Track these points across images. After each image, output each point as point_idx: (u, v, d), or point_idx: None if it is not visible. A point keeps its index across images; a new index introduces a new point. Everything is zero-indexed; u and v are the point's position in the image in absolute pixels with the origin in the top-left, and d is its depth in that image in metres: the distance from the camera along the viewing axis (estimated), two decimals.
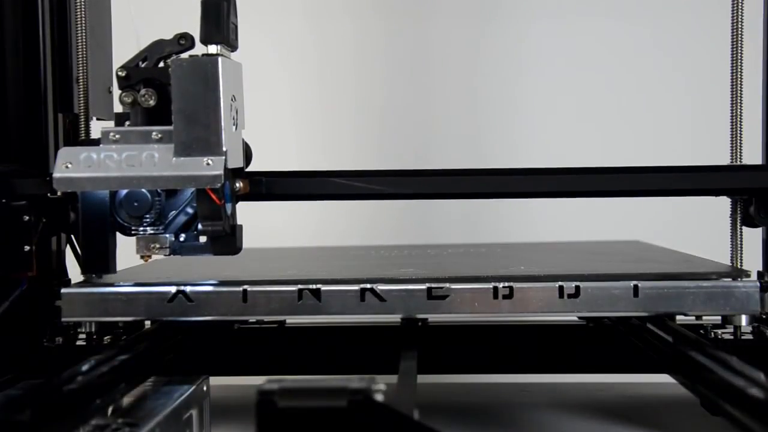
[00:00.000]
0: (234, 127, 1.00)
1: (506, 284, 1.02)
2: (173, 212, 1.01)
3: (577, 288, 1.02)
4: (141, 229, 1.01)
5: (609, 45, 1.97)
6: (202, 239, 1.01)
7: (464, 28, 2.00)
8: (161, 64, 1.02)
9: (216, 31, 0.98)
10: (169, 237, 1.01)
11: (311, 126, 2.03)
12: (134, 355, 0.93)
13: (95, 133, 1.19)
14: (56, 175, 0.98)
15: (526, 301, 1.02)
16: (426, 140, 2.01)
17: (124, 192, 0.99)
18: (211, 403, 1.01)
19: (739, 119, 1.13)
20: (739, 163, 1.13)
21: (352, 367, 1.14)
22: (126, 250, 1.33)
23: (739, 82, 1.12)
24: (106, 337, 1.12)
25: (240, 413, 1.11)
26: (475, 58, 2.01)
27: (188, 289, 1.04)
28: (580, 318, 1.14)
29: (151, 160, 0.97)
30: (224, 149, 0.96)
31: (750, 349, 1.07)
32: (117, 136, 0.99)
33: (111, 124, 1.30)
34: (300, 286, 1.03)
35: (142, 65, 1.02)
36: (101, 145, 0.99)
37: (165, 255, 1.01)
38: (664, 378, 1.03)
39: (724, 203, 1.16)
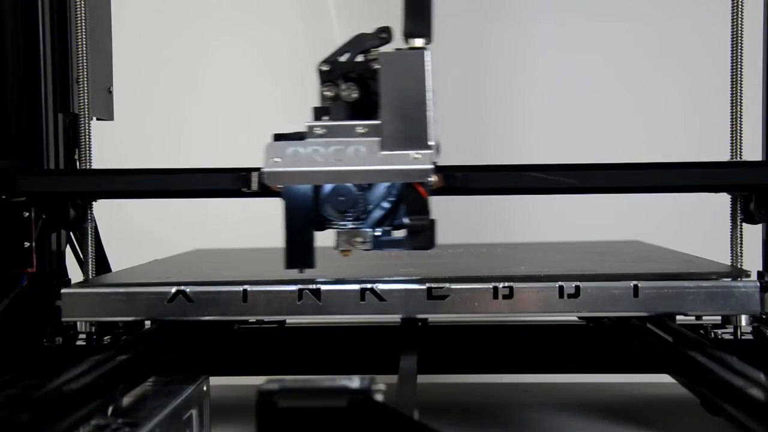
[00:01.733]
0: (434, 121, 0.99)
1: (506, 284, 1.02)
2: (369, 206, 1.00)
3: (577, 288, 1.02)
4: (341, 223, 1.00)
5: (610, 42, 1.97)
6: (398, 233, 1.00)
7: (463, 28, 2.00)
8: (359, 58, 1.01)
9: (421, 25, 0.97)
10: (371, 231, 1.00)
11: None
12: (134, 355, 0.93)
13: (95, 133, 1.19)
14: (265, 169, 0.97)
15: (526, 301, 1.02)
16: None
17: (329, 186, 0.99)
18: (211, 403, 1.01)
19: (739, 115, 1.13)
20: (739, 159, 1.13)
21: (352, 367, 1.14)
22: (126, 250, 1.33)
23: (739, 78, 1.12)
24: (106, 337, 1.12)
25: (240, 413, 1.11)
26: (475, 57, 2.01)
27: (188, 289, 1.04)
28: (580, 318, 1.14)
29: (358, 154, 0.97)
30: (431, 143, 0.96)
31: (750, 349, 1.07)
32: (322, 130, 0.99)
33: (111, 124, 1.31)
34: (300, 286, 1.03)
35: (343, 59, 1.01)
36: (307, 140, 0.99)
37: (366, 249, 1.00)
38: (664, 378, 1.03)
39: (724, 204, 1.16)
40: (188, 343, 1.08)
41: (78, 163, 1.19)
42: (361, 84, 1.00)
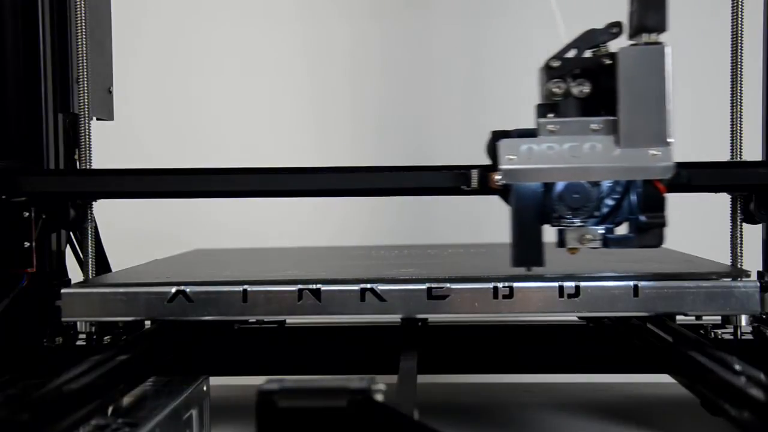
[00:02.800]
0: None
1: (506, 284, 1.02)
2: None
3: (577, 288, 1.02)
4: (570, 221, 0.99)
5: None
6: (620, 231, 1.00)
7: (464, 27, 2.00)
8: (587, 54, 1.01)
9: (659, 18, 0.97)
10: (600, 229, 0.99)
11: (312, 124, 2.03)
12: (134, 355, 0.93)
13: (96, 133, 1.19)
14: (503, 167, 0.97)
15: (526, 301, 1.02)
16: (425, 139, 2.01)
17: (562, 184, 0.98)
18: (211, 403, 1.01)
19: (739, 115, 1.13)
20: (739, 159, 1.13)
21: (352, 367, 1.14)
22: (125, 249, 1.33)
23: (739, 78, 1.12)
24: (106, 337, 1.12)
25: (240, 413, 1.11)
26: (475, 57, 2.01)
27: (188, 289, 1.04)
28: (580, 318, 1.14)
29: (594, 151, 0.96)
30: (670, 139, 0.96)
31: (750, 349, 1.07)
32: (555, 127, 0.98)
33: (111, 124, 1.31)
34: (300, 286, 1.03)
35: (570, 56, 1.00)
36: (539, 137, 0.98)
37: (596, 248, 1.00)
38: (664, 378, 1.03)
39: (724, 204, 1.16)
40: (188, 343, 1.08)
41: (78, 163, 1.19)
42: (591, 80, 0.99)
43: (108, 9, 1.30)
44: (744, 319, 1.07)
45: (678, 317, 1.08)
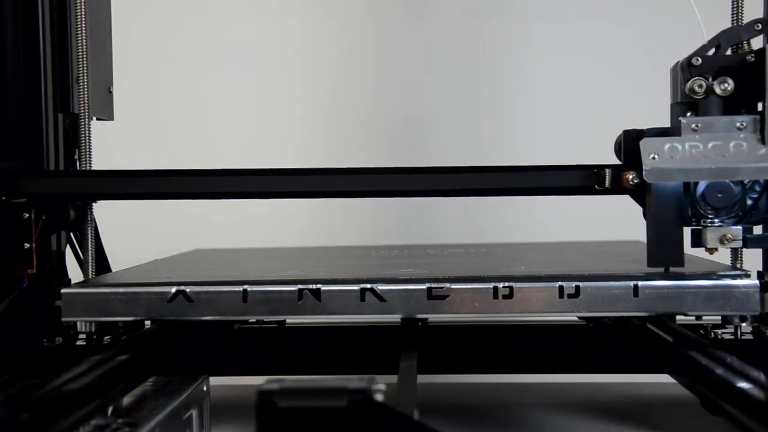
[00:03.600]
0: None
1: (506, 284, 1.02)
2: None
3: (577, 288, 1.02)
4: (710, 221, 1.00)
5: (610, 42, 1.97)
6: (757, 230, 1.00)
7: (465, 26, 2.00)
8: (728, 51, 1.01)
9: None
10: (740, 229, 0.99)
11: (317, 123, 2.03)
12: (134, 355, 0.93)
13: (95, 132, 1.19)
14: (648, 166, 0.97)
15: (526, 301, 1.02)
16: (425, 139, 2.01)
17: (705, 183, 0.98)
18: (211, 403, 1.01)
19: None
20: None
21: (352, 367, 1.14)
22: (125, 249, 1.33)
23: None
24: (106, 337, 1.12)
25: (240, 413, 1.11)
26: (475, 56, 2.01)
27: (188, 289, 1.04)
28: (580, 318, 1.14)
29: (740, 150, 0.96)
30: None
31: (750, 349, 1.07)
32: (698, 125, 0.98)
33: (111, 124, 1.31)
34: (300, 286, 1.03)
35: (711, 53, 1.00)
36: (682, 136, 0.98)
37: (737, 248, 1.00)
38: (664, 378, 1.03)
39: None
40: (188, 343, 1.08)
41: (78, 163, 1.19)
42: (734, 78, 0.99)
43: (108, 9, 1.30)
44: (744, 319, 1.07)
45: (678, 317, 1.08)
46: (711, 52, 1.02)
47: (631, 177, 1.01)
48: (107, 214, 1.26)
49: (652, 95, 1.97)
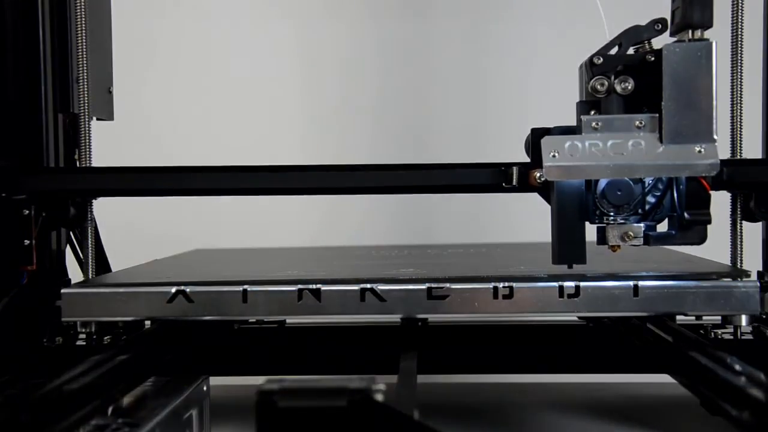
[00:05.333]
0: None
1: (506, 284, 1.02)
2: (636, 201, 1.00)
3: (577, 288, 1.02)
4: (612, 218, 1.00)
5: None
6: (661, 228, 1.00)
7: (465, 26, 2.00)
8: (630, 51, 1.01)
9: (705, 15, 0.97)
10: (642, 226, 1.00)
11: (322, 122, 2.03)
12: (134, 355, 0.93)
13: (95, 132, 1.19)
14: (547, 164, 0.98)
15: (526, 300, 1.02)
16: (424, 139, 2.02)
17: (605, 180, 0.99)
18: (211, 403, 1.01)
19: (739, 113, 1.13)
20: (739, 157, 1.13)
21: (352, 367, 1.14)
22: (124, 250, 1.33)
23: (739, 76, 1.12)
24: (106, 337, 1.12)
25: (240, 413, 1.11)
26: (476, 56, 2.01)
27: (188, 289, 1.04)
28: (580, 318, 1.14)
29: (639, 148, 0.97)
30: (715, 136, 0.96)
31: (750, 349, 1.07)
32: (599, 124, 0.99)
33: (111, 124, 1.31)
34: (300, 286, 1.03)
35: (614, 52, 1.01)
36: (583, 134, 0.99)
37: (637, 245, 1.01)
38: (664, 378, 1.03)
39: (723, 203, 1.16)
40: (188, 343, 1.08)
41: (78, 163, 1.19)
42: (634, 76, 0.99)
43: (108, 9, 1.30)
44: (744, 319, 1.07)
45: (678, 317, 1.08)
46: (615, 51, 1.02)
47: (537, 175, 1.02)
48: (107, 213, 1.26)
49: None
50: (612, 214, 1.00)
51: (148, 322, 1.10)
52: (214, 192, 1.14)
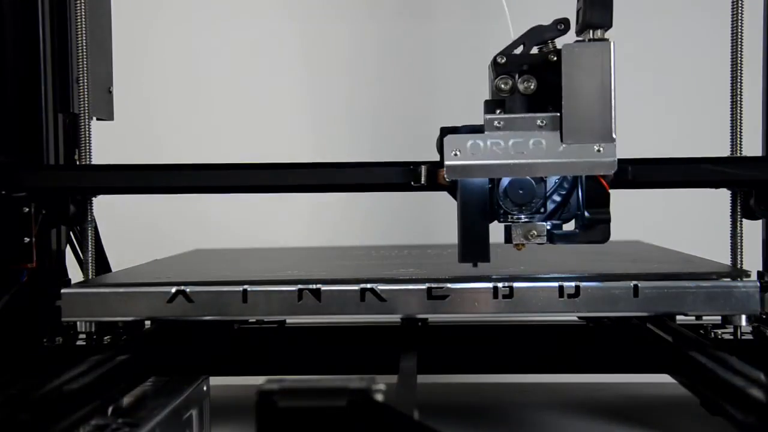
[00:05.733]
0: None
1: (506, 284, 1.02)
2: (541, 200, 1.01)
3: (577, 288, 1.02)
4: (516, 216, 1.00)
5: (609, 39, 1.97)
6: (567, 227, 1.01)
7: (466, 26, 2.00)
8: (534, 50, 1.01)
9: (605, 15, 0.98)
10: (546, 225, 1.00)
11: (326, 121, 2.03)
12: (134, 355, 0.93)
13: (95, 133, 1.19)
14: (448, 163, 0.98)
15: (526, 300, 1.02)
16: (424, 140, 2.01)
17: (507, 179, 0.99)
18: (211, 403, 1.01)
19: (739, 110, 1.13)
20: (739, 154, 1.13)
21: (352, 367, 1.14)
22: (124, 251, 1.33)
23: (739, 73, 1.12)
24: (106, 337, 1.12)
25: (240, 413, 1.11)
26: (476, 57, 2.01)
27: (188, 289, 1.04)
28: (580, 318, 1.14)
29: (540, 147, 0.97)
30: (614, 135, 0.96)
31: (750, 349, 1.07)
32: (501, 123, 0.99)
33: (111, 124, 1.31)
34: (300, 286, 1.03)
35: (518, 52, 1.01)
36: (486, 133, 0.99)
37: (541, 243, 1.01)
38: (664, 378, 1.03)
39: (724, 204, 1.16)
40: (188, 343, 1.08)
41: (78, 163, 1.19)
42: (537, 76, 1.00)
43: (108, 9, 1.30)
44: (744, 319, 1.07)
45: (678, 317, 1.08)
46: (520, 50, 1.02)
47: (444, 174, 1.02)
48: (107, 213, 1.25)
49: (652, 91, 1.98)
50: (515, 212, 1.00)
51: (148, 322, 1.10)
52: (215, 190, 1.14)
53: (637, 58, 1.96)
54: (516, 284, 1.02)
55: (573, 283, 1.02)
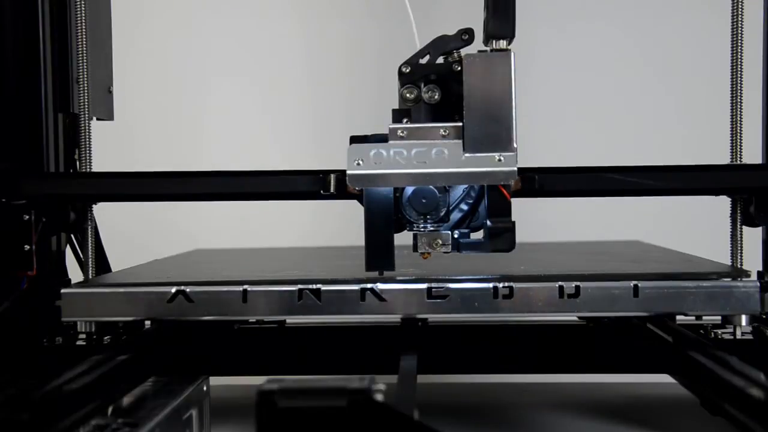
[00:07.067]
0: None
1: (506, 284, 1.02)
2: (449, 209, 1.01)
3: (577, 288, 1.02)
4: (422, 226, 1.00)
5: (610, 45, 1.97)
6: (476, 235, 1.01)
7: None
8: (440, 60, 1.02)
9: (506, 26, 0.98)
10: (451, 234, 1.01)
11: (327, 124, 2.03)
12: (134, 355, 0.93)
13: (95, 133, 1.19)
14: (350, 172, 0.98)
15: (526, 300, 1.02)
16: None
17: (411, 188, 0.99)
18: (211, 403, 1.01)
19: (739, 118, 1.13)
20: (739, 162, 1.13)
21: (352, 367, 1.14)
22: (124, 251, 1.33)
23: (739, 81, 1.12)
24: (106, 337, 1.12)
25: (240, 413, 1.11)
26: None
27: (188, 289, 1.04)
28: (580, 318, 1.14)
29: (441, 156, 0.98)
30: (515, 145, 0.97)
31: (750, 349, 1.07)
32: (404, 132, 0.99)
33: (111, 124, 1.31)
34: (300, 286, 1.03)
35: (424, 61, 1.01)
36: (389, 142, 0.99)
37: (446, 252, 1.01)
38: (664, 378, 1.03)
39: (724, 203, 1.16)
40: (188, 343, 1.08)
41: (78, 163, 1.19)
42: (442, 86, 1.00)
43: (108, 9, 1.30)
44: (744, 319, 1.07)
45: (678, 317, 1.08)
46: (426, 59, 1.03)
47: (348, 182, 1.01)
48: (107, 214, 1.25)
49: (652, 98, 1.98)
50: (420, 221, 1.00)
51: (148, 322, 1.10)
52: (215, 197, 1.14)
53: (636, 64, 1.96)
54: (516, 284, 1.02)
55: (573, 283, 1.02)
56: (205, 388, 1.00)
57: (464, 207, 1.01)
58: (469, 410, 1.18)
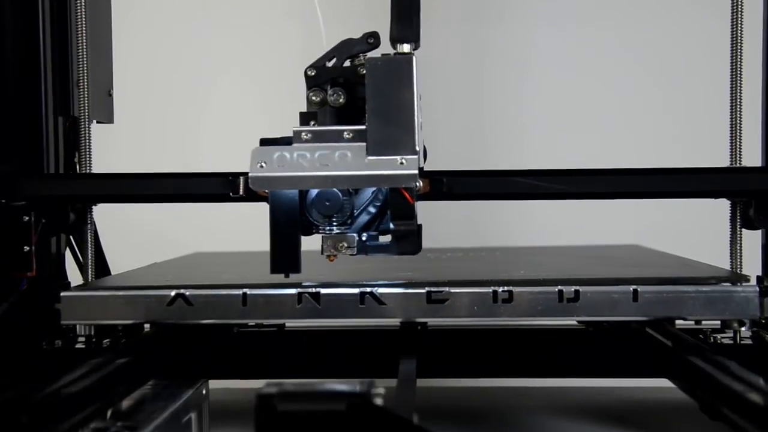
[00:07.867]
0: (420, 126, 1.00)
1: (505, 288, 1.02)
2: (356, 211, 1.01)
3: (577, 292, 1.02)
4: (327, 228, 1.00)
5: (609, 48, 1.97)
6: (384, 238, 1.01)
7: (467, 31, 2.00)
8: (347, 63, 1.02)
9: (409, 30, 0.98)
10: (356, 236, 1.01)
11: None
12: (133, 359, 0.93)
13: (95, 135, 1.19)
14: (252, 174, 0.98)
15: (526, 305, 1.02)
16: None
17: (315, 191, 0.99)
18: (211, 407, 1.01)
19: (738, 121, 1.13)
20: (738, 165, 1.13)
21: (352, 371, 1.14)
22: (124, 252, 1.33)
23: (738, 84, 1.13)
24: (105, 340, 1.12)
25: (239, 417, 1.11)
26: (478, 62, 2.01)
27: (188, 292, 1.04)
28: (579, 322, 1.14)
29: (344, 159, 0.98)
30: (417, 148, 0.97)
31: (749, 353, 1.07)
32: (308, 135, 0.99)
33: (110, 127, 1.31)
34: (299, 290, 1.03)
35: (330, 64, 1.02)
36: (293, 145, 0.99)
37: (352, 254, 1.01)
38: (664, 382, 1.03)
39: (723, 207, 1.16)
40: (187, 347, 1.08)
41: (78, 166, 1.19)
42: (348, 89, 1.00)
43: (108, 11, 1.30)
44: (743, 324, 1.07)
45: (677, 321, 1.08)
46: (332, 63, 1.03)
47: (250, 184, 1.01)
48: (107, 216, 1.25)
49: (651, 101, 1.98)
50: (325, 224, 1.00)
51: (147, 326, 1.10)
52: (213, 198, 1.14)
53: (635, 66, 1.97)
54: (515, 288, 1.02)
55: (572, 288, 1.02)
56: (204, 392, 1.00)
57: (372, 210, 1.01)
58: (469, 414, 1.18)
